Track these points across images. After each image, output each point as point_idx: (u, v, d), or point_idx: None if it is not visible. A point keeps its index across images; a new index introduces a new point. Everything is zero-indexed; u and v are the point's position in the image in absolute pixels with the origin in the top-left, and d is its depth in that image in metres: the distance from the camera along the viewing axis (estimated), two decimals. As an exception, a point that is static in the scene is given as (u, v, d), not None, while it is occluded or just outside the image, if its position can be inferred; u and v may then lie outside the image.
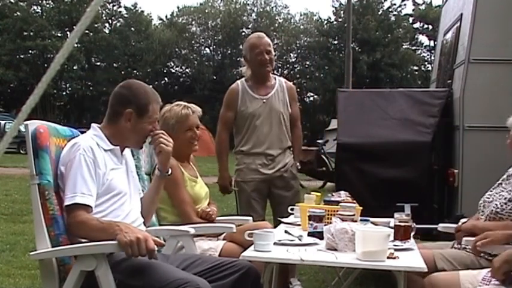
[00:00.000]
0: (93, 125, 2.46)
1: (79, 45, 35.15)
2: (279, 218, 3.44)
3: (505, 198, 2.65)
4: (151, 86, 2.59)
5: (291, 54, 40.31)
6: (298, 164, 4.04)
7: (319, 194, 3.36)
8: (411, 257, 2.30)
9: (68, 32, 37.41)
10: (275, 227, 3.11)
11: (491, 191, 2.82)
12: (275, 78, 4.01)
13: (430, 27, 37.91)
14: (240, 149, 3.94)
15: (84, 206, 2.18)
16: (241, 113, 3.89)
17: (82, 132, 2.64)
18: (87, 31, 34.40)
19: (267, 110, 3.87)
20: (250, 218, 3.26)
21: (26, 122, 2.21)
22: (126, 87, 2.43)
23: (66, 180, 2.22)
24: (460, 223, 2.81)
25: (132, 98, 2.38)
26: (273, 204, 3.97)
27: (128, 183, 2.42)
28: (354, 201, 3.00)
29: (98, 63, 40.97)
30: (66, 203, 2.18)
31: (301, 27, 42.23)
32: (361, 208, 2.92)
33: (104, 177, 2.27)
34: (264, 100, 3.88)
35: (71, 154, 2.25)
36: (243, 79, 3.99)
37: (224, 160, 3.95)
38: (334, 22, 38.72)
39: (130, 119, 2.37)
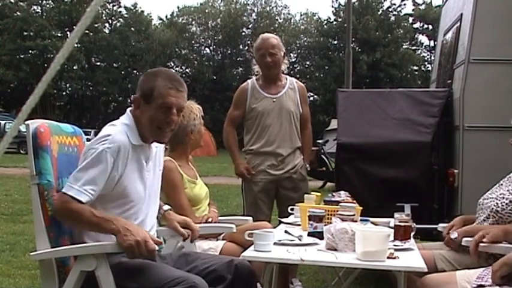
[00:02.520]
0: (128, 111, 2.30)
1: (79, 45, 35.18)
2: (279, 218, 3.44)
3: (506, 199, 2.65)
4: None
5: (291, 54, 40.32)
6: (307, 165, 4.03)
7: (319, 194, 3.35)
8: (411, 257, 2.30)
9: (68, 32, 37.44)
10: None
11: (491, 191, 2.82)
12: (286, 78, 4.00)
13: (430, 27, 37.93)
14: (249, 148, 3.92)
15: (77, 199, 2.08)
16: (250, 111, 3.88)
17: (85, 133, 2.64)
18: (87, 31, 34.41)
19: (277, 108, 3.86)
20: (250, 218, 3.25)
21: (27, 122, 2.20)
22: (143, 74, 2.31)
23: (79, 165, 2.13)
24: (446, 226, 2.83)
25: (140, 83, 2.27)
26: (279, 204, 3.95)
27: (145, 188, 2.28)
28: (354, 201, 3.00)
29: (98, 63, 41.01)
30: (63, 190, 2.10)
31: (301, 27, 42.30)
32: (361, 208, 2.92)
33: (119, 180, 2.16)
34: (274, 99, 3.88)
35: (97, 142, 2.13)
36: (254, 78, 3.99)
37: (235, 151, 3.94)
38: (334, 22, 38.76)
39: (139, 105, 2.24)
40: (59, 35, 37.70)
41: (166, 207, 2.65)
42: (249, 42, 41.99)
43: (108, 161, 2.09)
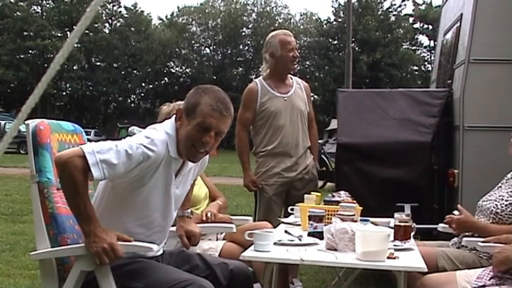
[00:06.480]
0: (173, 120, 2.23)
1: (79, 45, 35.19)
2: (279, 218, 3.44)
3: (506, 201, 2.65)
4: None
5: (291, 54, 40.23)
6: (317, 164, 4.02)
7: (319, 194, 3.35)
8: (411, 257, 2.29)
9: (68, 32, 37.43)
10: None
11: (490, 193, 2.82)
12: (291, 78, 3.97)
13: (430, 27, 37.92)
14: (261, 149, 3.85)
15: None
16: (262, 111, 3.80)
17: (86, 133, 2.63)
18: (87, 31, 34.42)
19: (289, 108, 3.81)
20: (251, 218, 3.25)
21: (26, 121, 2.20)
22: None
23: (111, 141, 2.04)
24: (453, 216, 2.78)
25: (188, 95, 2.22)
26: (288, 204, 3.92)
27: (167, 202, 2.23)
28: (354, 201, 3.00)
29: (98, 63, 41.03)
30: (84, 149, 1.96)
31: (301, 27, 42.25)
32: (361, 208, 2.92)
33: (139, 188, 2.12)
34: (285, 98, 3.83)
35: (137, 137, 2.08)
36: (260, 78, 3.93)
37: (246, 161, 3.87)
38: (334, 22, 38.76)
39: (180, 117, 2.19)
40: (59, 35, 37.68)
41: (186, 213, 2.58)
42: (249, 42, 42.01)
43: (135, 158, 2.01)
